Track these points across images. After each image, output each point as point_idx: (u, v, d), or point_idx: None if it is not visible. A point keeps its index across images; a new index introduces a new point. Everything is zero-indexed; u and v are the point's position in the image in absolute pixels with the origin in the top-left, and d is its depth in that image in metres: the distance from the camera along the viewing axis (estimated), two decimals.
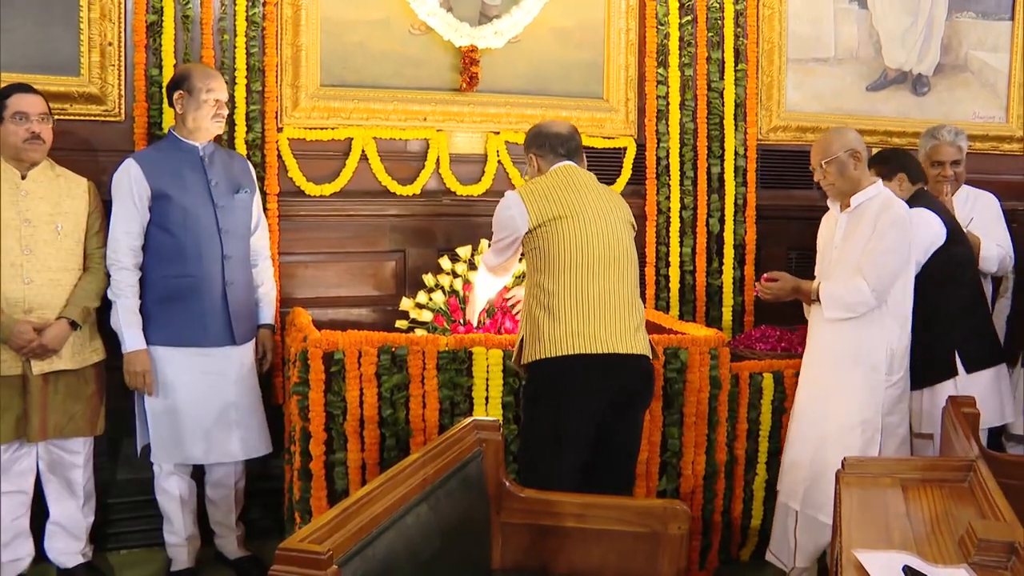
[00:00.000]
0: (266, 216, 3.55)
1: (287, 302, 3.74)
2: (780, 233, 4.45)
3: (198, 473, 3.37)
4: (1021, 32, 4.89)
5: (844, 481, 2.27)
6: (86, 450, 3.23)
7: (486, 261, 3.03)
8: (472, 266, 3.72)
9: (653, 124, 4.23)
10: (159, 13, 3.51)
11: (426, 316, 3.64)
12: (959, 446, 2.57)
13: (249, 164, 3.47)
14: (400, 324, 3.66)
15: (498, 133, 4.06)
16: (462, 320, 3.57)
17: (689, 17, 4.24)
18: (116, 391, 3.24)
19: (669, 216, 4.25)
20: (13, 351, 2.99)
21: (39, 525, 3.24)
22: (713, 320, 4.30)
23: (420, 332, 3.53)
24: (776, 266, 3.75)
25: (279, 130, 3.75)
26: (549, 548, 2.52)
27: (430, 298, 3.67)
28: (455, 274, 3.74)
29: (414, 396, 3.05)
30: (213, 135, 3.28)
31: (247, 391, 3.30)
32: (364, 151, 3.88)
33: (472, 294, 3.30)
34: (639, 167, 4.25)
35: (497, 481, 2.54)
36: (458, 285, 3.71)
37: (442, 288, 3.70)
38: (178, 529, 3.31)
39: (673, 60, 4.23)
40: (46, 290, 3.06)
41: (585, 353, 2.71)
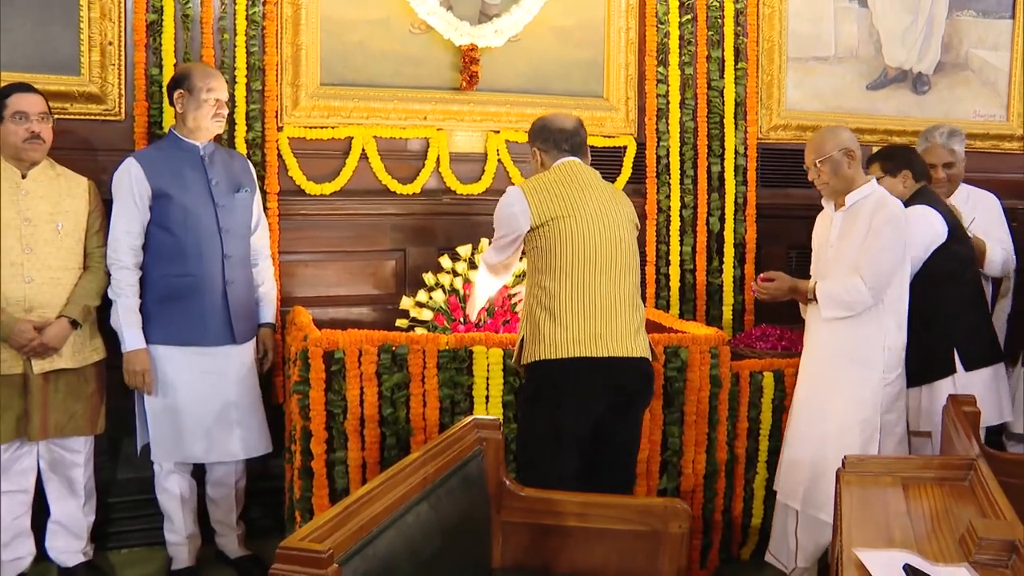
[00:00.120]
0: (266, 215, 3.55)
1: (287, 301, 3.74)
2: (780, 232, 4.45)
3: (199, 472, 3.37)
4: (1021, 30, 4.89)
5: (844, 480, 2.27)
6: (87, 449, 3.23)
7: (487, 259, 3.02)
8: (472, 265, 3.71)
9: (653, 123, 4.23)
10: (159, 12, 3.51)
11: (426, 315, 3.64)
12: (960, 445, 2.57)
13: (249, 163, 3.47)
14: (400, 323, 3.66)
15: (498, 132, 4.06)
16: (462, 319, 3.57)
17: (689, 16, 4.24)
18: (116, 390, 3.24)
19: (669, 215, 4.25)
20: (14, 350, 2.99)
21: (40, 524, 3.24)
22: (713, 319, 4.30)
23: (420, 331, 3.53)
24: (776, 265, 3.75)
25: (279, 129, 3.75)
26: (550, 547, 2.51)
27: (430, 297, 3.66)
28: (455, 273, 3.74)
29: (414, 395, 3.05)
30: (213, 134, 3.28)
31: (247, 390, 3.30)
32: (364, 150, 3.88)
33: (472, 292, 3.30)
34: (639, 166, 4.25)
35: (497, 480, 2.54)
36: (458, 284, 3.70)
37: (442, 287, 3.70)
38: (179, 528, 3.31)
39: (673, 59, 4.23)
40: (46, 289, 3.06)
41: (586, 356, 2.70)
